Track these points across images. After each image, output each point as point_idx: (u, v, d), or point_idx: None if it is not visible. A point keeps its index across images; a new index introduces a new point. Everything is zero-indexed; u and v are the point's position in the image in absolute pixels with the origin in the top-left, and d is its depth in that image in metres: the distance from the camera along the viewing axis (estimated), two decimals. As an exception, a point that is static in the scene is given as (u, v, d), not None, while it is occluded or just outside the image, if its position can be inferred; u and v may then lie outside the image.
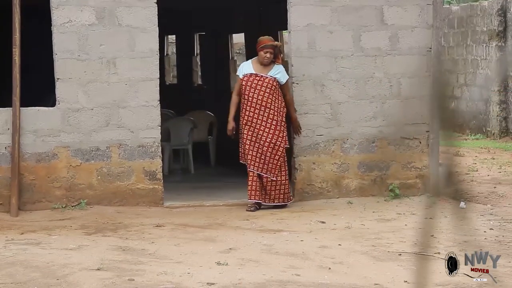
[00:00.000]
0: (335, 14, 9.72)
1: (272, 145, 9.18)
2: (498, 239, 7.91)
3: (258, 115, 9.20)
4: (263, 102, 9.18)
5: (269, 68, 9.27)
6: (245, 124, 9.24)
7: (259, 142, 9.20)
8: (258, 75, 9.22)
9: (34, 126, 9.27)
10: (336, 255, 7.40)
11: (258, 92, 9.18)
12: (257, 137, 9.22)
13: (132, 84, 9.40)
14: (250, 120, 9.21)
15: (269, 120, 9.18)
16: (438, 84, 6.54)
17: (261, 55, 9.23)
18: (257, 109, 9.20)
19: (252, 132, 9.22)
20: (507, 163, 13.10)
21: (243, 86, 9.26)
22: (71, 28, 9.27)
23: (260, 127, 9.19)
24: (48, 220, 8.85)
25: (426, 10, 9.84)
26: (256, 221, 8.82)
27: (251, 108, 9.21)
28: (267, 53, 9.19)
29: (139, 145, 9.43)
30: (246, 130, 9.24)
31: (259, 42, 9.29)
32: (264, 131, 9.19)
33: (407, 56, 9.87)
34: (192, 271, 6.80)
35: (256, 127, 9.20)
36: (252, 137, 9.24)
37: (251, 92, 9.20)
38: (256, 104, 9.20)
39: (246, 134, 9.25)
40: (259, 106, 9.19)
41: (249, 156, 9.27)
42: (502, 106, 16.17)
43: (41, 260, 7.16)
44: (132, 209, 9.27)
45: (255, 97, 9.20)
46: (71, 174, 9.32)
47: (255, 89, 9.19)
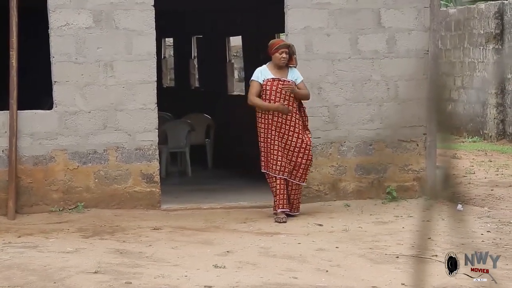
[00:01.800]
0: (332, 17, 9.73)
1: (302, 150, 8.90)
2: (495, 242, 7.92)
3: (285, 120, 8.88)
4: (289, 107, 8.87)
5: (285, 71, 8.99)
6: (273, 130, 8.89)
7: (289, 148, 8.91)
8: (280, 79, 8.92)
9: (31, 129, 9.27)
10: (334, 258, 7.40)
11: (284, 96, 8.87)
12: (286, 142, 8.90)
13: (129, 87, 9.40)
14: (278, 126, 8.89)
15: (296, 124, 8.89)
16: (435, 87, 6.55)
17: (276, 57, 8.90)
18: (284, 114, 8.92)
19: (281, 138, 8.89)
20: (504, 165, 13.11)
21: (266, 92, 8.89)
22: (68, 31, 9.27)
23: (288, 132, 8.88)
24: (45, 223, 8.85)
25: (423, 13, 9.86)
26: (253, 224, 8.82)
27: (278, 113, 8.87)
28: (282, 53, 8.88)
29: (136, 148, 9.43)
30: (273, 136, 8.90)
31: (271, 45, 8.99)
32: (294, 136, 8.90)
33: (404, 58, 9.88)
34: (189, 274, 6.80)
35: (284, 132, 8.88)
36: (281, 143, 8.90)
37: (277, 98, 8.86)
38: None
39: (273, 140, 8.91)
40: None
41: (278, 163, 8.91)
42: (499, 108, 16.19)
43: (38, 263, 7.15)
44: (129, 212, 9.27)
45: (281, 102, 8.87)
46: (68, 177, 9.31)
47: (280, 94, 8.87)
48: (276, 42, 9.08)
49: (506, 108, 16.13)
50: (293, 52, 8.98)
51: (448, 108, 17.32)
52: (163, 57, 19.20)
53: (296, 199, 9.07)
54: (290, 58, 8.97)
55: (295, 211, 9.08)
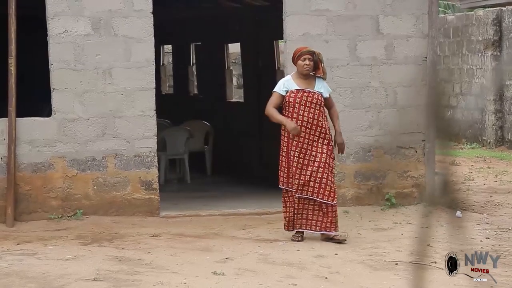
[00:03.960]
0: (330, 24, 9.74)
1: (327, 166, 8.18)
2: (494, 248, 7.91)
3: (309, 135, 8.19)
4: (314, 120, 8.19)
5: (312, 82, 8.31)
6: (294, 145, 8.19)
7: (312, 165, 8.17)
8: (305, 90, 8.23)
9: (30, 136, 9.27)
10: (333, 265, 7.39)
11: (308, 109, 8.20)
12: (309, 159, 8.18)
13: (128, 94, 9.40)
14: (301, 140, 8.18)
15: (320, 139, 8.20)
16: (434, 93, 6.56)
17: (299, 64, 8.24)
18: (308, 128, 8.19)
19: (304, 153, 8.18)
20: (503, 172, 13.11)
21: (290, 103, 8.21)
22: (67, 38, 9.28)
23: (312, 147, 8.18)
24: (44, 230, 8.84)
25: (422, 20, 9.87)
26: (253, 231, 8.81)
27: (302, 127, 8.18)
28: (305, 60, 8.22)
29: (135, 155, 9.43)
30: (294, 152, 8.19)
31: (294, 53, 8.39)
32: (318, 152, 8.18)
33: (403, 65, 9.89)
34: (188, 281, 6.79)
35: (308, 148, 8.18)
36: (304, 159, 8.18)
37: (300, 110, 8.18)
38: (307, 123, 8.20)
39: (293, 156, 8.19)
40: (310, 124, 8.20)
41: (299, 180, 8.17)
42: (498, 115, 16.20)
43: (37, 270, 7.14)
44: (128, 219, 9.26)
45: (305, 115, 8.19)
46: (67, 184, 9.31)
47: (305, 106, 8.19)
48: (299, 49, 8.40)
49: (505, 114, 16.13)
50: (319, 60, 8.32)
51: (447, 114, 17.34)
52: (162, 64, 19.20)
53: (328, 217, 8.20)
54: (318, 66, 8.32)
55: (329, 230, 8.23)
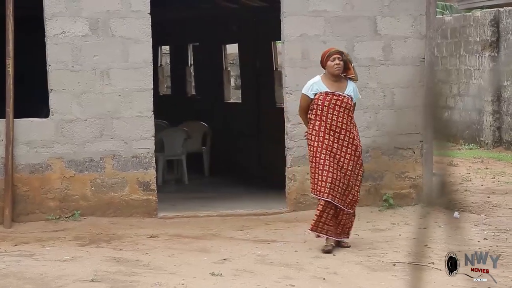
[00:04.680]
0: (328, 25, 9.75)
1: (354, 175, 7.94)
2: (492, 249, 7.91)
3: (338, 139, 7.87)
4: (343, 125, 7.88)
5: (343, 84, 7.98)
6: (324, 149, 7.85)
7: (341, 171, 7.88)
8: (335, 93, 7.90)
9: (27, 137, 9.26)
10: (331, 265, 7.39)
11: (337, 113, 7.87)
12: (338, 164, 7.87)
13: (125, 95, 9.40)
14: (330, 145, 7.85)
15: (349, 144, 7.90)
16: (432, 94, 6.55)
17: (330, 65, 7.91)
18: (337, 132, 7.87)
19: (333, 158, 7.85)
20: (501, 173, 13.12)
21: (318, 106, 7.89)
22: (64, 39, 9.28)
23: (341, 153, 7.87)
24: (41, 231, 8.83)
25: (419, 21, 9.87)
26: (250, 232, 8.81)
27: (330, 132, 7.86)
28: (335, 59, 7.90)
29: (133, 156, 9.43)
30: (324, 156, 7.84)
31: (322, 55, 8.04)
32: (346, 158, 7.89)
33: (401, 66, 9.89)
34: (186, 282, 6.79)
35: (337, 152, 7.86)
36: (333, 163, 7.85)
37: (329, 114, 7.87)
38: (336, 127, 7.87)
39: (324, 160, 7.84)
40: (339, 129, 7.88)
41: (328, 185, 7.81)
42: (496, 116, 16.21)
43: (35, 271, 7.13)
44: (126, 220, 9.26)
45: (334, 119, 7.87)
46: (65, 185, 9.30)
47: (334, 110, 7.87)
48: (326, 50, 8.10)
49: (502, 115, 16.14)
50: (349, 60, 8.03)
51: (445, 115, 17.34)
52: (160, 64, 19.20)
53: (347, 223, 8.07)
54: (348, 67, 7.99)
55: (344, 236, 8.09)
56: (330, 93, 7.91)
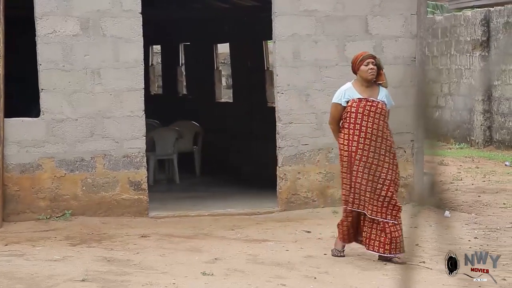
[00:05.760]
0: (319, 24, 9.75)
1: (393, 184, 7.48)
2: (482, 248, 7.93)
3: (374, 147, 7.45)
4: (379, 132, 7.47)
5: (375, 90, 7.60)
6: (358, 159, 7.44)
7: (377, 181, 7.45)
8: (368, 100, 7.50)
9: (18, 136, 9.24)
10: (322, 265, 7.40)
11: (372, 120, 7.48)
12: (374, 174, 7.45)
13: (116, 94, 9.38)
14: (365, 154, 7.43)
15: (386, 153, 7.50)
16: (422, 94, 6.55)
17: (363, 70, 7.51)
18: (372, 140, 7.45)
19: (369, 168, 7.44)
20: (491, 172, 13.16)
21: (352, 114, 7.48)
22: (55, 38, 9.26)
23: (378, 162, 7.45)
24: (32, 231, 8.81)
25: (410, 20, 9.89)
26: (242, 231, 8.81)
27: (365, 140, 7.44)
28: (369, 64, 7.50)
29: (124, 156, 9.41)
30: (357, 166, 7.45)
31: (354, 59, 7.65)
32: (384, 167, 7.46)
33: (392, 65, 9.90)
34: (177, 282, 6.79)
35: (373, 162, 7.44)
36: (369, 175, 7.45)
37: (363, 121, 7.45)
38: (371, 135, 7.46)
39: (357, 172, 7.45)
40: (375, 137, 7.47)
41: (363, 197, 7.46)
42: (486, 115, 16.25)
43: (25, 271, 7.12)
44: (117, 219, 9.24)
45: (369, 127, 7.46)
46: (56, 185, 9.28)
47: (368, 117, 7.47)
48: (359, 54, 7.67)
49: (493, 114, 16.19)
50: (380, 67, 7.63)
51: (435, 114, 17.38)
52: (151, 64, 19.18)
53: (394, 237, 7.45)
54: (379, 73, 7.62)
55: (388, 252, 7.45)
56: (363, 100, 7.52)
